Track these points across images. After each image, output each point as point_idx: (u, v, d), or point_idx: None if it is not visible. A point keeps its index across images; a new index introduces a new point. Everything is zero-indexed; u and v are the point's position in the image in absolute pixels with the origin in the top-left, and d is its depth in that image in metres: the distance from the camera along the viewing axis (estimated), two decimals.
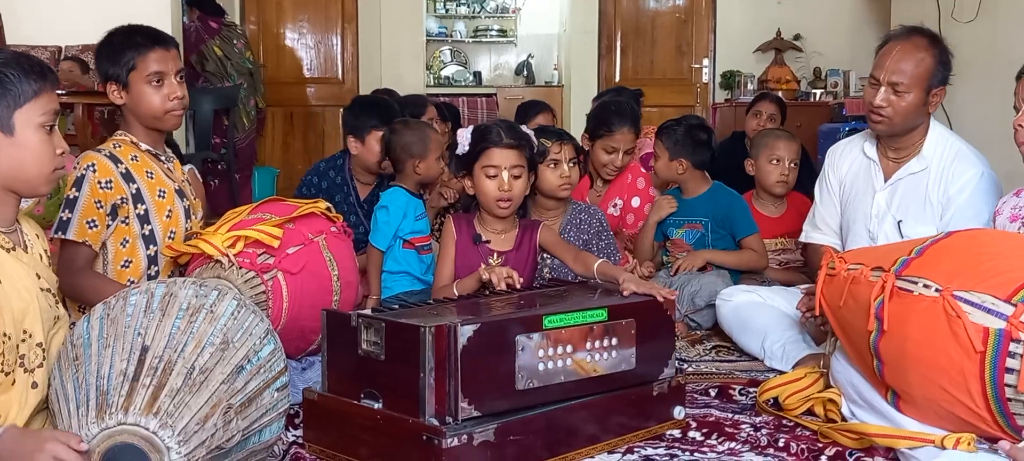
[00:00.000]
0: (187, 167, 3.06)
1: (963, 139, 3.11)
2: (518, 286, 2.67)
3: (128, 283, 2.64)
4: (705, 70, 8.53)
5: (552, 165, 3.38)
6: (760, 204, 4.13)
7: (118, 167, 2.68)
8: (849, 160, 3.23)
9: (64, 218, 2.62)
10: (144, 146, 2.77)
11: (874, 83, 2.95)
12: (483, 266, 2.80)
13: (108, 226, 2.67)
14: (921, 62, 2.89)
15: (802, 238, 3.46)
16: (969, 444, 2.04)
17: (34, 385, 1.91)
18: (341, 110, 8.18)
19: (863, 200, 3.13)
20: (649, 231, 3.91)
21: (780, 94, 7.79)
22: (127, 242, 2.70)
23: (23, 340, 1.89)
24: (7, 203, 1.97)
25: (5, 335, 1.84)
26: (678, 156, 3.86)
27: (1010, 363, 1.93)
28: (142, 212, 2.70)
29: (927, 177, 3.00)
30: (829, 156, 3.32)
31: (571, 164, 3.41)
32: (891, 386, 2.21)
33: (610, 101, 4.36)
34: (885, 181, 3.09)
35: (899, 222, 3.03)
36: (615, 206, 4.17)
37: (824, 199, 3.31)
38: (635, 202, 4.17)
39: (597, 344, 2.26)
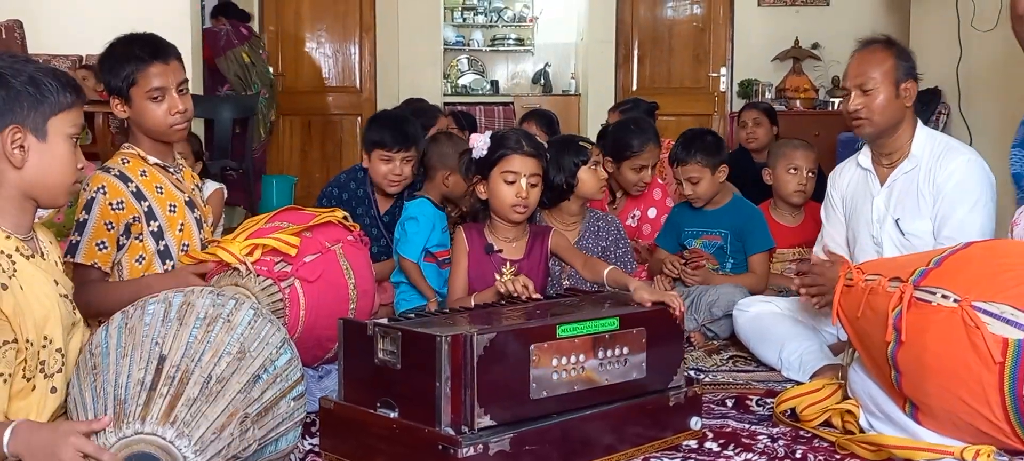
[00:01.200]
0: (213, 187, 3.05)
1: (951, 137, 3.21)
2: (532, 296, 2.67)
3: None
4: (723, 79, 8.51)
5: (593, 168, 3.40)
6: (778, 214, 4.12)
7: (128, 186, 2.69)
8: (847, 176, 3.30)
9: (74, 241, 2.63)
10: (152, 159, 2.77)
11: (845, 92, 3.11)
12: (498, 280, 2.80)
13: (120, 246, 2.68)
14: (882, 62, 3.04)
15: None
16: (989, 456, 2.03)
17: (53, 390, 1.94)
18: (359, 119, 8.31)
19: (864, 208, 3.19)
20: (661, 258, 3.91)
21: (797, 103, 7.80)
22: (143, 259, 2.71)
23: (43, 346, 1.92)
24: (26, 211, 2.00)
25: (28, 341, 1.87)
26: (718, 165, 3.82)
27: None
28: (156, 229, 2.72)
29: (918, 174, 3.06)
30: (830, 179, 3.41)
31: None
32: (909, 397, 2.19)
33: (628, 120, 4.34)
34: (881, 185, 3.13)
35: (897, 221, 3.06)
36: (633, 217, 4.17)
37: (830, 219, 3.36)
38: (651, 212, 4.17)
39: (609, 353, 2.26)
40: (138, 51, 2.70)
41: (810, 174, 4.03)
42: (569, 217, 3.45)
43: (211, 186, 4.31)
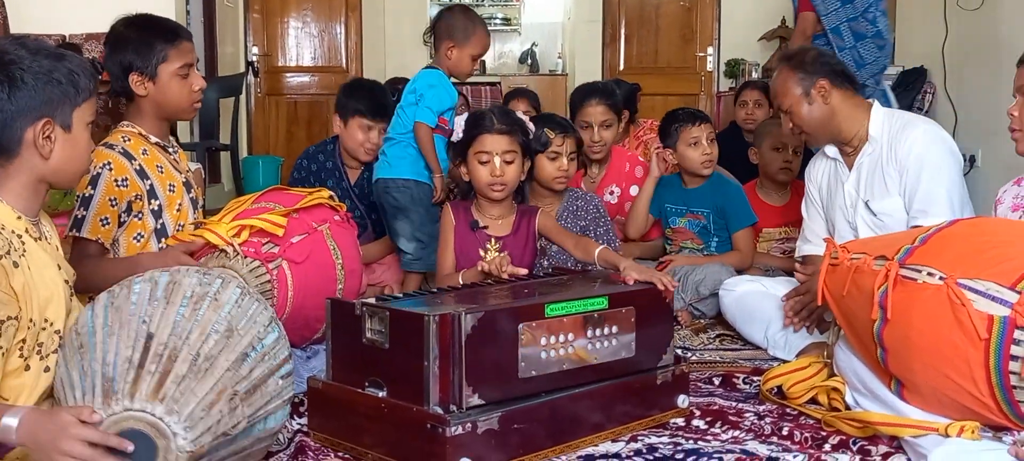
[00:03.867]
0: (194, 166, 3.06)
1: (908, 113, 3.28)
2: (506, 275, 2.67)
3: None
4: (709, 58, 8.51)
5: (552, 157, 3.39)
6: (764, 193, 4.13)
7: (132, 164, 2.69)
8: (820, 168, 3.33)
9: (79, 216, 2.63)
10: (153, 138, 2.77)
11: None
12: (481, 258, 2.81)
13: (121, 223, 2.68)
14: (783, 81, 3.14)
15: (797, 254, 3.47)
16: (973, 432, 2.04)
17: (46, 369, 1.94)
18: None
19: (837, 196, 3.23)
20: (643, 202, 3.91)
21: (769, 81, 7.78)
22: (141, 237, 2.71)
23: (43, 328, 1.92)
24: (39, 195, 2.01)
25: (31, 320, 1.87)
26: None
27: (1015, 350, 1.93)
28: (156, 207, 2.72)
29: (881, 154, 3.08)
30: (806, 174, 3.43)
31: (571, 158, 3.43)
32: (895, 375, 2.21)
33: (582, 84, 4.52)
34: (849, 171, 3.16)
35: (867, 202, 3.08)
36: (611, 194, 4.16)
37: (810, 213, 3.38)
38: (633, 190, 4.16)
39: (597, 332, 2.26)
40: (164, 30, 2.73)
41: (796, 153, 4.03)
42: (543, 199, 3.45)
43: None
